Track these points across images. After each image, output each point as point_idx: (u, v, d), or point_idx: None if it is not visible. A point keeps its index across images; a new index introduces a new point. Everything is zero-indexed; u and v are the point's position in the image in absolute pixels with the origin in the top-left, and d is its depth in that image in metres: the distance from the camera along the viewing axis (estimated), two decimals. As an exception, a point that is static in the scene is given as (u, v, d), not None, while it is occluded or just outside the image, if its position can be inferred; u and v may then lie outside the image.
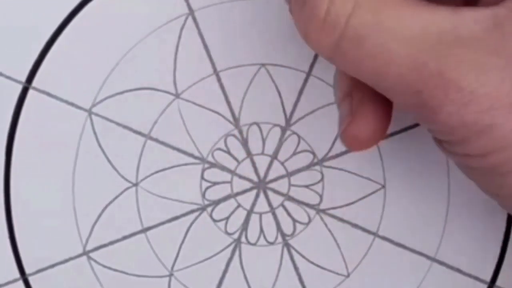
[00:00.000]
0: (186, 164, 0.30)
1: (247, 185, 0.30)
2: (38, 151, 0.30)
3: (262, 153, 0.30)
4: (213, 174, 0.30)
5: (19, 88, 0.30)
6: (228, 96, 0.30)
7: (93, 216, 0.30)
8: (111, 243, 0.30)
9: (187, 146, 0.30)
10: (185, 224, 0.30)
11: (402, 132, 0.30)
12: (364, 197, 0.30)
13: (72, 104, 0.30)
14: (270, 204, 0.31)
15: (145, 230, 0.30)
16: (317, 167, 0.30)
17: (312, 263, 0.30)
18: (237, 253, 0.30)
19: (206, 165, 0.30)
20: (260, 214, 0.31)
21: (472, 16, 0.21)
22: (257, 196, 0.30)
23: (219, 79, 0.30)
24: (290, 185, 0.30)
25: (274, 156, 0.30)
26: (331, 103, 0.30)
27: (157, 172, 0.30)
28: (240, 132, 0.30)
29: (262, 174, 0.31)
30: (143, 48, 0.30)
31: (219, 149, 0.30)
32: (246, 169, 0.30)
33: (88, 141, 0.30)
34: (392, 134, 0.30)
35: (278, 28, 0.30)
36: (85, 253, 0.30)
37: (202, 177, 0.30)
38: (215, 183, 0.30)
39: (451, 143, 0.22)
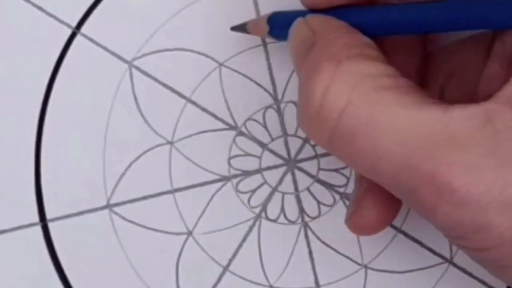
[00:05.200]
0: (219, 130, 0.30)
1: (277, 161, 0.31)
2: (76, 94, 0.30)
3: (295, 135, 0.31)
4: (244, 143, 0.30)
5: (68, 32, 0.30)
6: (273, 72, 0.30)
7: (121, 168, 0.30)
8: (137, 199, 0.30)
9: (224, 114, 0.30)
10: (210, 191, 0.30)
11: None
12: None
13: (114, 55, 0.30)
14: (295, 184, 0.31)
15: (174, 191, 0.30)
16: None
17: (328, 245, 0.30)
18: (256, 226, 0.30)
19: (239, 133, 0.30)
20: (283, 193, 0.31)
21: (463, 113, 0.21)
22: (284, 174, 0.31)
23: (266, 52, 0.30)
24: (319, 168, 0.31)
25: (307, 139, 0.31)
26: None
27: (191, 135, 0.30)
28: (278, 108, 0.30)
29: (293, 153, 0.31)
30: (194, 10, 0.30)
31: (255, 120, 0.30)
32: (278, 146, 0.31)
33: (125, 92, 0.30)
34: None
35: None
36: (108, 206, 0.30)
37: (234, 144, 0.30)
38: (246, 153, 0.30)
39: (452, 238, 0.23)
